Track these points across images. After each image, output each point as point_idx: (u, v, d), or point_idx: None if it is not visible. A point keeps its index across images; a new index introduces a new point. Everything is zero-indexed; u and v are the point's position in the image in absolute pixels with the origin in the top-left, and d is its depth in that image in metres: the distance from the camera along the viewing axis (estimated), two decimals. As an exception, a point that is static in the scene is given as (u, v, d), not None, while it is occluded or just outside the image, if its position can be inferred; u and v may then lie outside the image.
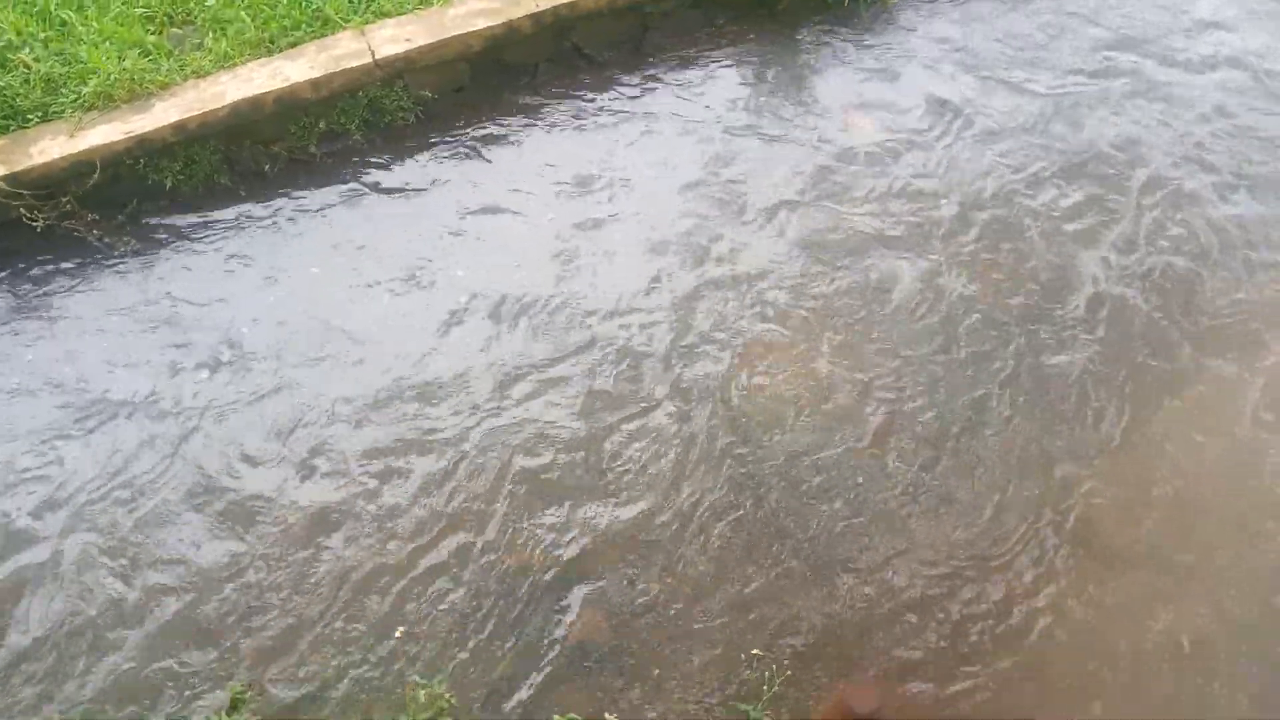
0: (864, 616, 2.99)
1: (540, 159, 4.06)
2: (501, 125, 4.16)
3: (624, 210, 3.90)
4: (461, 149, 4.07)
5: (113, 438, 3.21)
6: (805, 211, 3.95)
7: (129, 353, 3.43)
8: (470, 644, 2.89)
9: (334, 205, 3.88)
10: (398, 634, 2.82)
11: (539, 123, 4.19)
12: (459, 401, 3.35)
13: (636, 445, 3.29)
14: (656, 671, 2.89)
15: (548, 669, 2.86)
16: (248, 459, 3.19)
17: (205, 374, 3.38)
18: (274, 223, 3.81)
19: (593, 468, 3.23)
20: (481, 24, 4.17)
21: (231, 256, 3.70)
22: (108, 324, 3.50)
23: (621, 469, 3.23)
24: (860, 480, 3.24)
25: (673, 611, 2.99)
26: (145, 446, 3.20)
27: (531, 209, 3.90)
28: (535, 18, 4.22)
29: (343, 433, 3.26)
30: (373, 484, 3.15)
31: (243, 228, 3.80)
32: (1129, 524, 3.19)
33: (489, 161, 4.04)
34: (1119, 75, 4.52)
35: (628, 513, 3.15)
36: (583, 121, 4.20)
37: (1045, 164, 4.15)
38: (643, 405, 3.37)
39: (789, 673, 2.91)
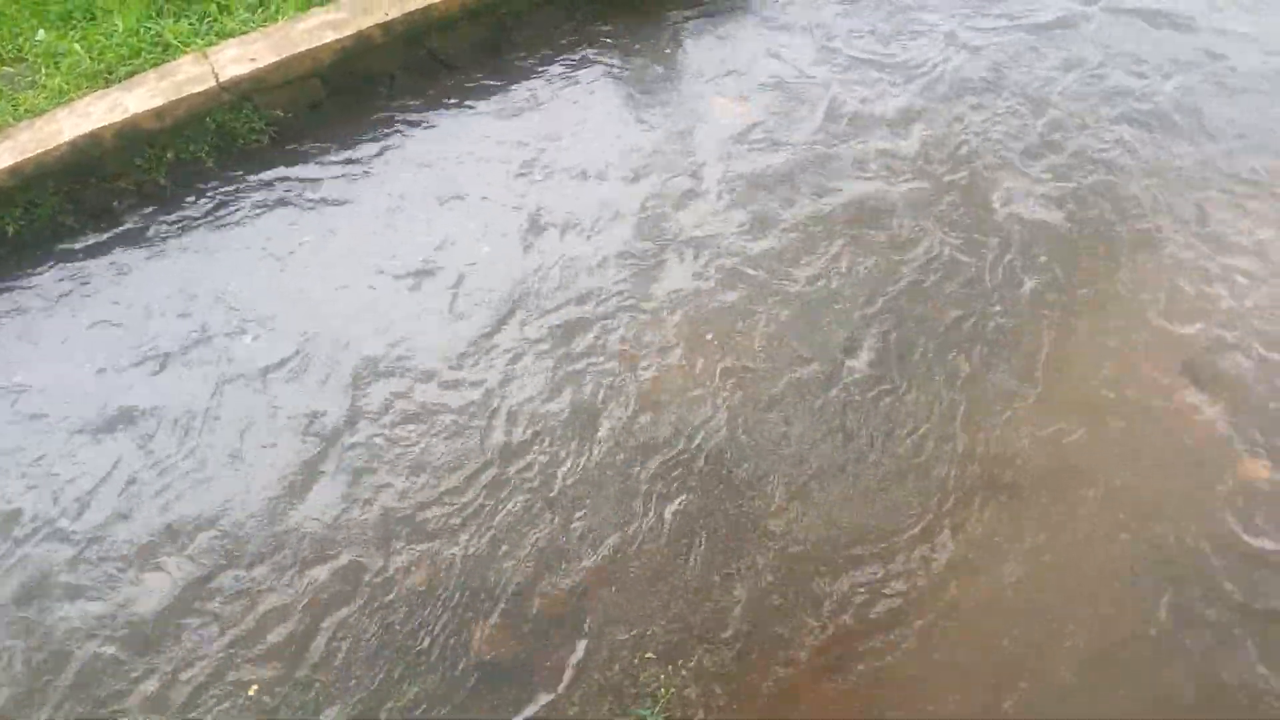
0: (766, 604, 2.97)
1: (403, 172, 3.96)
2: (359, 140, 4.05)
3: (493, 227, 3.80)
4: (318, 168, 3.95)
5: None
6: (681, 200, 3.90)
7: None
8: (374, 675, 2.80)
9: (185, 240, 3.74)
10: (251, 691, 2.72)
11: (399, 134, 4.08)
12: (275, 456, 3.23)
13: (534, 442, 3.22)
14: (563, 682, 2.84)
15: (454, 693, 2.78)
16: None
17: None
18: (121, 264, 3.66)
19: (487, 475, 3.17)
20: (330, 37, 4.05)
21: (76, 305, 3.55)
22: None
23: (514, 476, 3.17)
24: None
25: (576, 616, 2.94)
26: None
27: (396, 230, 3.79)
28: (386, 27, 4.11)
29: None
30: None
31: (88, 272, 3.65)
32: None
33: (348, 180, 3.93)
34: (985, 52, 4.53)
35: (524, 525, 3.09)
36: (444, 131, 4.10)
37: (910, 137, 4.15)
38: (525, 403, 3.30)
39: (684, 673, 2.88)
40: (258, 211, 3.83)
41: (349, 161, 3.98)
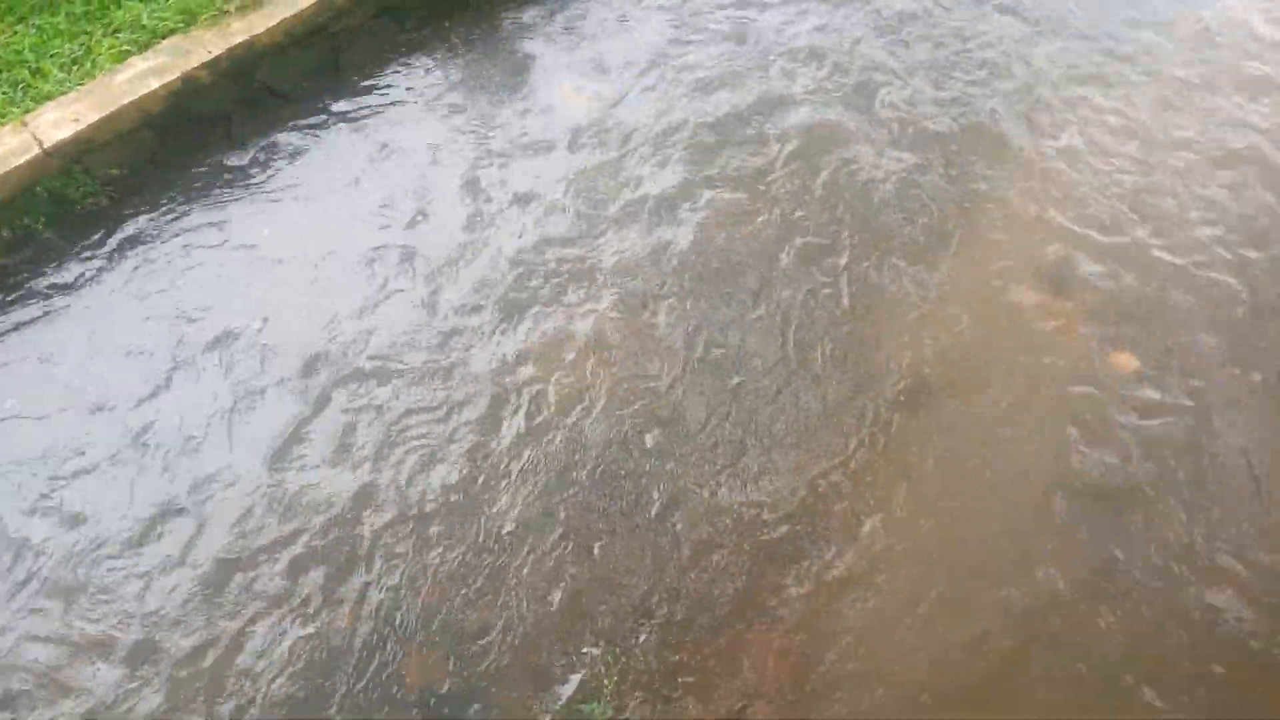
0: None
1: (249, 215, 3.85)
2: (200, 189, 3.91)
3: (354, 266, 3.74)
4: (159, 224, 3.80)
5: None
6: (540, 193, 3.90)
7: None
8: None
9: (19, 318, 3.59)
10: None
11: (242, 176, 3.96)
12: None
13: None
14: (499, 695, 2.83)
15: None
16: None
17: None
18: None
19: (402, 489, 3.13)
20: (154, 84, 3.90)
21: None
22: None
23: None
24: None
25: (509, 633, 2.94)
26: None
27: (246, 279, 3.72)
28: (211, 66, 3.98)
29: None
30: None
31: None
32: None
33: (192, 232, 3.79)
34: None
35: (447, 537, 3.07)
36: (289, 165, 3.99)
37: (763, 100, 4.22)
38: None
39: (623, 661, 2.90)
40: (97, 278, 3.69)
41: (189, 212, 3.85)
